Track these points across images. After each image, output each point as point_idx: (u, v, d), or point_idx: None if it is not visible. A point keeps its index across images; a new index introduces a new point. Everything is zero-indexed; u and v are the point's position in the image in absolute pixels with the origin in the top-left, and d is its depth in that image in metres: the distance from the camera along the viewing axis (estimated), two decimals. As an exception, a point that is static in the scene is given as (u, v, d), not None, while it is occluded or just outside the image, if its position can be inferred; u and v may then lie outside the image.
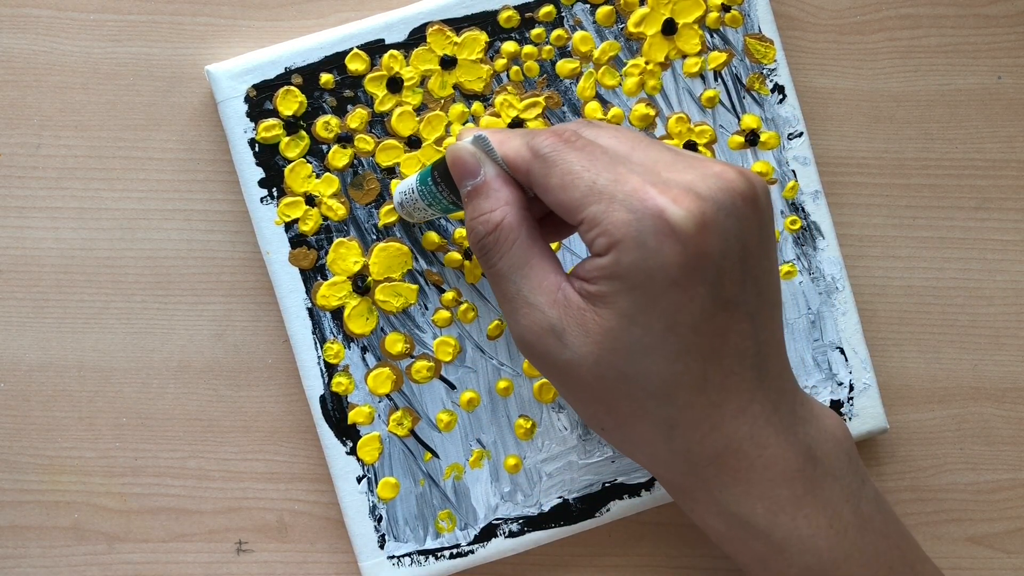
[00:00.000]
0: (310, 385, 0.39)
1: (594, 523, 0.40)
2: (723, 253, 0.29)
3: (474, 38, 0.39)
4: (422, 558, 0.39)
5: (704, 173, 0.30)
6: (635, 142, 0.32)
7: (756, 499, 0.31)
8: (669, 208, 0.29)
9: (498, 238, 0.32)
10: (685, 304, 0.29)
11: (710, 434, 0.31)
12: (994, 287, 0.42)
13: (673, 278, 0.29)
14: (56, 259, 0.40)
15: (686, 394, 0.30)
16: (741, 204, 0.30)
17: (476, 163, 0.33)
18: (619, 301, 0.30)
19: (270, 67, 0.39)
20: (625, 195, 0.29)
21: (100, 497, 0.40)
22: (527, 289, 0.32)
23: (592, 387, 0.31)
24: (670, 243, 0.29)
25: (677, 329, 0.30)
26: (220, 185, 0.40)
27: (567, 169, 0.30)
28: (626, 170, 0.30)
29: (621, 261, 0.29)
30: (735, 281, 0.30)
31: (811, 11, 0.42)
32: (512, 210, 0.32)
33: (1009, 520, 0.42)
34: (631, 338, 0.30)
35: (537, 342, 0.32)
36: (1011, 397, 0.42)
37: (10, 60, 0.40)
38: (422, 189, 0.35)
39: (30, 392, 0.40)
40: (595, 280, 0.30)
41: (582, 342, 0.31)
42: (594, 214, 0.30)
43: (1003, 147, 0.42)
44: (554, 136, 0.31)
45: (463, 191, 0.33)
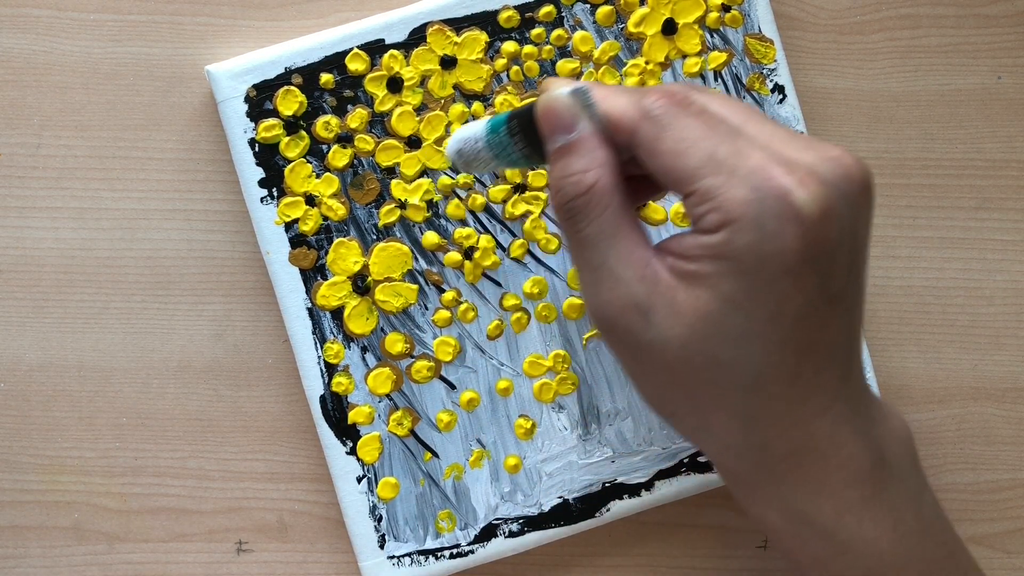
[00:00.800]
0: (310, 385, 0.39)
1: (594, 523, 0.40)
2: (839, 243, 0.28)
3: (474, 38, 0.39)
4: (422, 558, 0.39)
5: (824, 156, 0.28)
6: (748, 114, 0.29)
7: (825, 498, 0.30)
8: (796, 191, 0.27)
9: (589, 201, 0.30)
10: (794, 294, 0.28)
11: (790, 430, 0.29)
12: (994, 287, 0.42)
13: (788, 266, 0.27)
14: (56, 259, 0.40)
15: (775, 387, 0.29)
16: (858, 193, 0.28)
17: (572, 116, 0.30)
18: (722, 283, 0.28)
19: (270, 67, 0.39)
20: (748, 171, 0.27)
21: (100, 497, 0.40)
22: (614, 260, 0.29)
23: (673, 370, 0.29)
24: (792, 228, 0.27)
25: (780, 319, 0.28)
26: (220, 185, 0.40)
27: (682, 135, 0.28)
28: (747, 144, 0.28)
29: (733, 241, 0.27)
30: (843, 274, 0.28)
31: (811, 11, 0.42)
32: (608, 172, 0.30)
33: (1009, 520, 0.42)
34: (729, 323, 0.28)
35: (619, 318, 0.29)
36: (1011, 397, 0.42)
37: (10, 60, 0.40)
38: (492, 138, 0.32)
39: (30, 392, 0.40)
40: (696, 258, 0.28)
41: (671, 323, 0.29)
42: (709, 187, 0.28)
43: (1003, 147, 0.42)
44: (666, 97, 0.29)
45: (552, 146, 0.30)
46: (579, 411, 0.40)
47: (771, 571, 0.41)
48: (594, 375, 0.40)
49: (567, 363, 0.40)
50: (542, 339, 0.40)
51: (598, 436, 0.40)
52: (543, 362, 0.40)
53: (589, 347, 0.40)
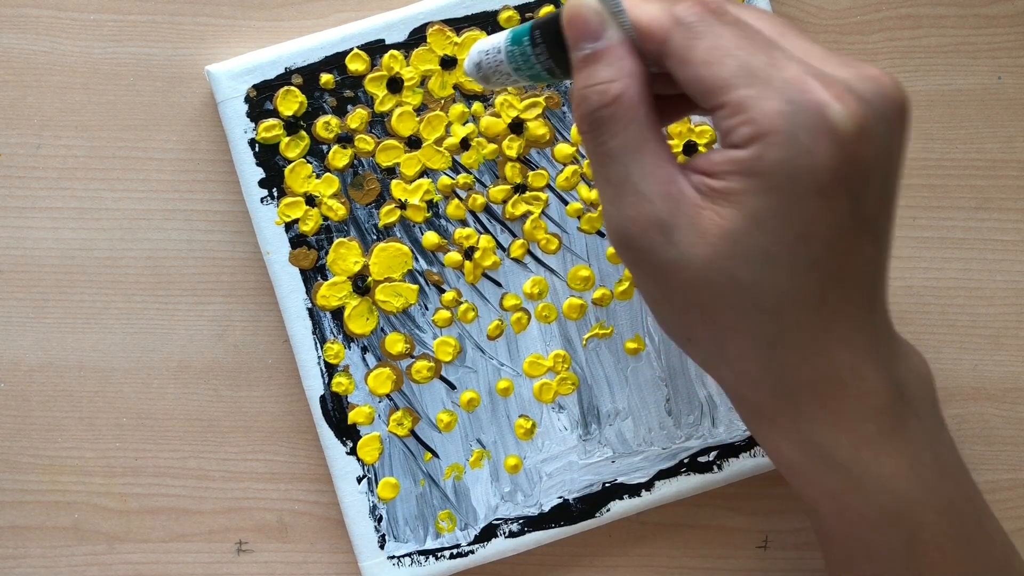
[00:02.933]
0: (310, 385, 0.39)
1: (594, 523, 0.40)
2: (873, 164, 0.27)
3: (474, 38, 0.39)
4: (422, 558, 0.39)
5: (862, 74, 0.27)
6: (785, 28, 0.28)
7: (843, 431, 0.29)
8: (832, 106, 0.26)
9: (615, 113, 0.28)
10: (824, 214, 0.27)
11: (812, 358, 0.28)
12: (994, 287, 0.42)
13: (820, 184, 0.26)
14: (56, 259, 0.40)
15: (799, 312, 0.28)
16: (894, 114, 0.27)
17: (600, 23, 0.28)
18: (749, 201, 0.27)
19: (270, 67, 0.39)
20: (783, 83, 0.26)
21: (100, 497, 0.40)
22: (638, 175, 0.28)
23: (693, 292, 0.28)
24: (826, 144, 0.26)
25: (809, 241, 0.27)
26: (220, 185, 0.40)
27: (716, 43, 0.27)
28: (783, 56, 0.27)
29: (765, 156, 0.26)
30: (875, 198, 0.27)
31: (811, 11, 0.42)
32: (635, 83, 0.28)
33: (1009, 520, 0.42)
34: (754, 243, 0.27)
35: (640, 236, 0.28)
36: (1011, 397, 0.42)
37: (10, 60, 0.40)
38: (513, 50, 0.31)
39: (30, 392, 0.40)
40: (723, 175, 0.27)
41: (693, 241, 0.27)
42: (742, 98, 0.26)
43: (1003, 147, 0.42)
44: (700, 5, 0.28)
45: (578, 54, 0.29)
46: (579, 411, 0.40)
47: (771, 571, 0.42)
48: (594, 375, 0.40)
49: (567, 363, 0.40)
50: (542, 339, 0.40)
51: (598, 436, 0.40)
52: (543, 362, 0.40)
53: (589, 347, 0.40)
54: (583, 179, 0.40)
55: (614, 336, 0.40)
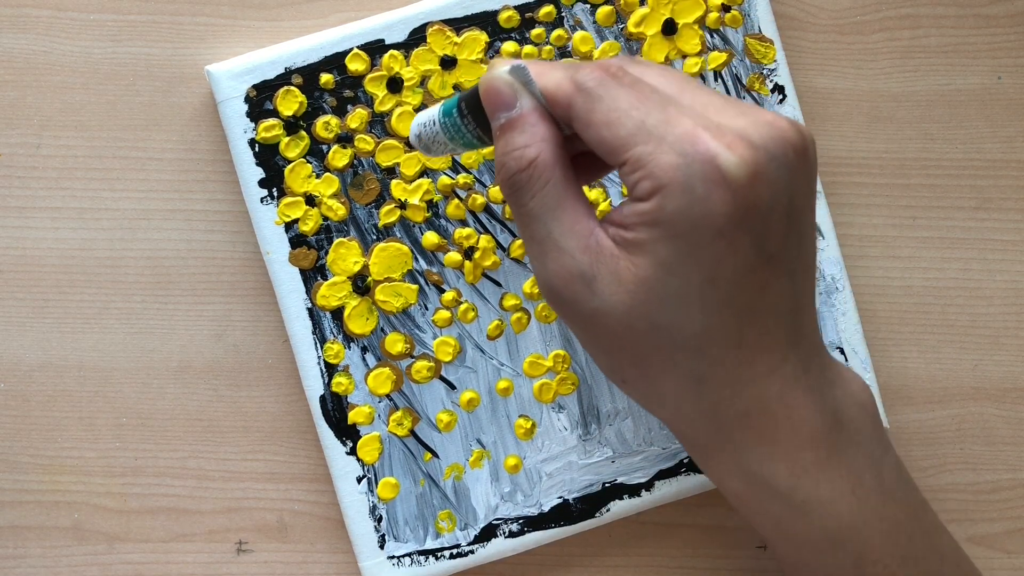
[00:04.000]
0: (310, 385, 0.39)
1: (594, 523, 0.40)
2: (771, 205, 0.28)
3: (474, 38, 0.39)
4: (422, 558, 0.39)
5: (756, 120, 0.29)
6: (684, 83, 0.30)
7: (780, 460, 0.30)
8: (722, 154, 0.27)
9: (531, 176, 0.30)
10: (728, 256, 0.28)
11: (739, 392, 0.30)
12: (994, 287, 0.42)
13: (719, 228, 0.28)
14: (56, 259, 0.40)
15: (719, 349, 0.29)
16: (792, 155, 0.29)
17: (512, 94, 0.30)
18: (658, 249, 0.28)
19: (270, 67, 0.39)
20: (676, 137, 0.28)
21: (100, 497, 0.40)
22: (558, 232, 0.30)
23: (619, 337, 0.30)
24: (720, 191, 0.27)
25: (717, 282, 0.28)
26: (220, 185, 0.40)
27: (613, 106, 0.29)
28: (677, 111, 0.28)
29: (665, 207, 0.28)
30: (780, 235, 0.29)
31: (811, 11, 0.42)
32: (548, 147, 0.30)
33: (1009, 520, 0.42)
34: (667, 288, 0.29)
35: (564, 288, 0.30)
36: (1011, 397, 0.42)
37: (10, 60, 0.40)
38: (445, 121, 0.33)
39: (30, 392, 0.40)
40: (633, 226, 0.29)
41: (613, 290, 0.29)
42: (640, 155, 0.28)
43: (1003, 147, 0.42)
44: (600, 70, 0.30)
45: (495, 124, 0.31)
46: (579, 411, 0.40)
47: (771, 571, 0.41)
48: (594, 375, 0.40)
49: (567, 363, 0.40)
50: (542, 339, 0.40)
51: (598, 436, 0.40)
52: (543, 362, 0.40)
53: (589, 347, 0.40)
54: None
55: (614, 336, 0.40)
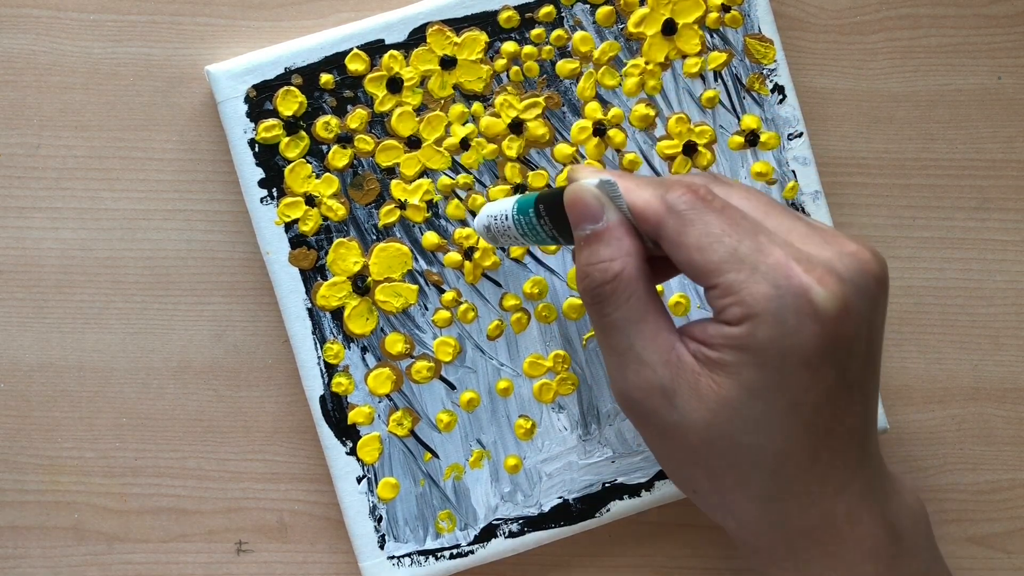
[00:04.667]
0: (310, 385, 0.39)
1: (594, 523, 0.40)
2: (856, 337, 0.29)
3: (474, 38, 0.39)
4: (422, 558, 0.39)
5: (841, 252, 0.29)
6: (768, 208, 0.31)
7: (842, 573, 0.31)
8: (814, 288, 0.28)
9: (616, 288, 0.31)
10: (812, 385, 0.29)
11: (809, 509, 0.31)
12: (994, 287, 0.42)
13: (807, 359, 0.29)
14: (56, 259, 0.40)
15: (794, 470, 0.30)
16: (874, 287, 0.30)
17: (599, 207, 0.31)
18: (744, 373, 0.29)
19: (270, 67, 0.39)
20: (768, 268, 0.29)
21: (100, 497, 0.40)
22: (640, 345, 0.31)
23: (697, 452, 0.31)
24: (810, 324, 0.28)
25: (800, 408, 0.29)
26: (220, 185, 0.40)
27: (706, 231, 0.29)
28: (768, 240, 0.29)
29: (755, 334, 0.29)
30: (860, 363, 0.30)
31: (811, 11, 0.42)
32: (633, 261, 0.31)
33: (1009, 520, 0.42)
34: (751, 411, 0.29)
35: (645, 400, 0.31)
36: (1011, 397, 0.42)
37: (10, 60, 0.40)
38: (520, 219, 0.34)
39: (30, 392, 0.40)
40: (719, 347, 0.29)
41: (694, 407, 0.30)
42: (732, 282, 0.29)
43: (1003, 147, 0.42)
44: (690, 192, 0.30)
45: (580, 234, 0.32)
46: (579, 411, 0.40)
47: (771, 571, 0.42)
48: (594, 375, 0.40)
49: (567, 363, 0.40)
50: (542, 339, 0.40)
51: (598, 436, 0.40)
52: (543, 362, 0.40)
53: (589, 347, 0.40)
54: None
55: (614, 336, 0.40)
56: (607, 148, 0.40)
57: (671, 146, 0.40)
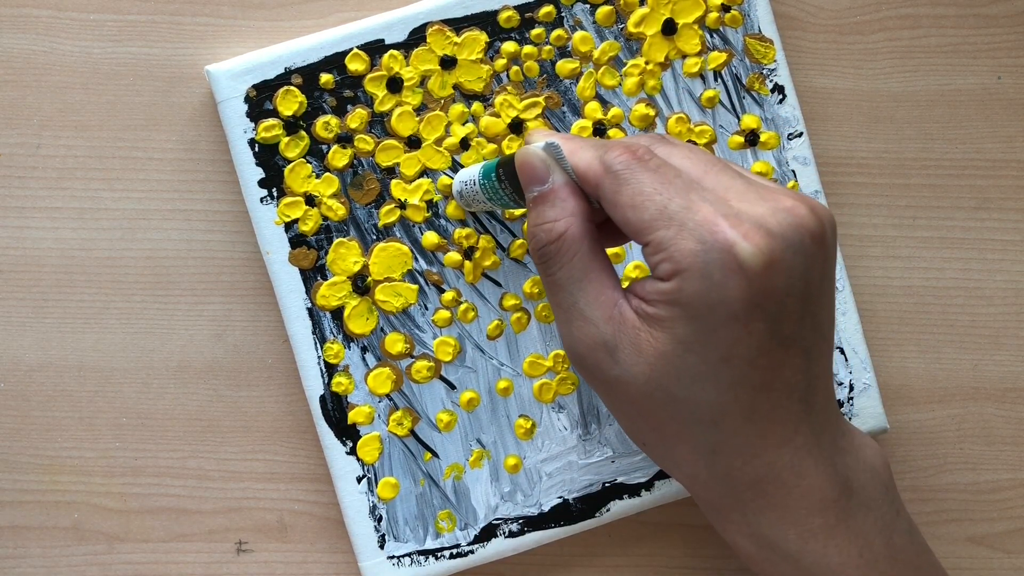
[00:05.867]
0: (310, 385, 0.39)
1: (594, 523, 0.40)
2: (786, 291, 0.29)
3: (474, 38, 0.39)
4: (422, 558, 0.39)
5: (775, 207, 0.30)
6: (708, 165, 0.31)
7: (789, 525, 0.31)
8: (739, 243, 0.29)
9: (560, 248, 0.32)
10: (743, 338, 0.29)
11: (751, 461, 0.31)
12: (994, 287, 0.42)
13: (734, 312, 0.29)
14: (56, 259, 0.40)
15: (732, 422, 0.31)
16: (809, 242, 0.30)
17: (545, 169, 0.32)
18: (676, 327, 0.30)
19: (270, 67, 0.39)
20: (695, 224, 0.29)
21: (100, 497, 0.40)
22: (583, 302, 0.32)
23: (639, 404, 0.31)
24: (735, 279, 0.29)
25: (732, 361, 0.30)
26: (220, 185, 0.40)
27: (638, 189, 0.30)
28: (698, 197, 0.30)
29: (684, 289, 0.29)
30: (794, 318, 0.30)
31: (811, 11, 0.42)
32: (577, 221, 0.32)
33: (1009, 520, 0.42)
34: (684, 364, 0.30)
35: (588, 355, 0.32)
36: (1011, 397, 0.42)
37: (10, 60, 0.40)
38: (484, 183, 0.36)
39: (30, 392, 0.40)
40: (654, 303, 0.30)
41: (634, 361, 0.31)
42: (661, 239, 0.30)
43: (1003, 147, 0.42)
44: (628, 152, 0.31)
45: (528, 196, 0.33)
46: (579, 411, 0.40)
47: (771, 571, 0.42)
48: (594, 375, 0.40)
49: (567, 363, 0.40)
50: (542, 339, 0.40)
51: (598, 436, 0.40)
52: (543, 362, 0.40)
53: (589, 347, 0.40)
54: None
55: (614, 336, 0.40)
56: (607, 148, 0.40)
57: (671, 146, 0.40)
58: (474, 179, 0.36)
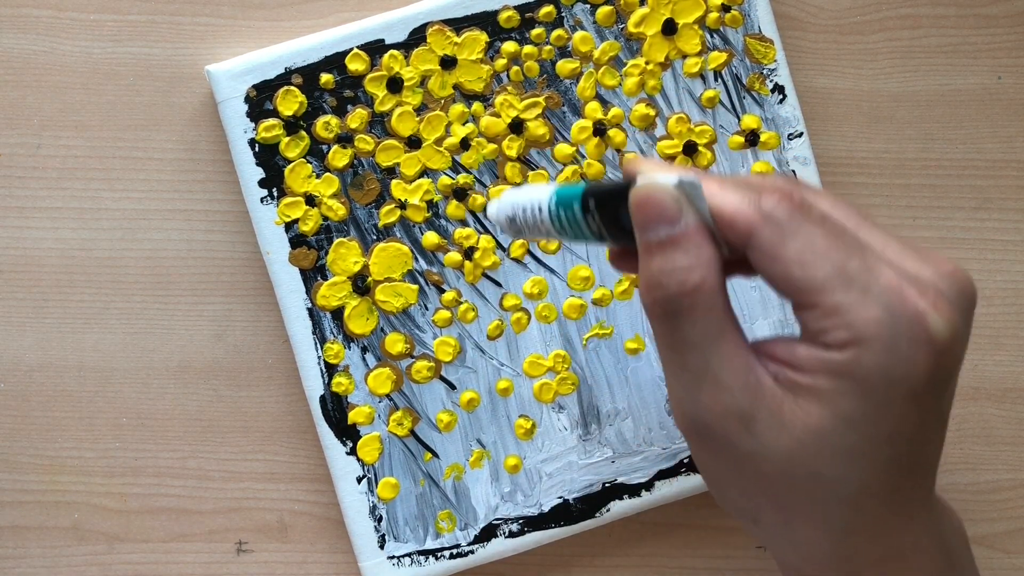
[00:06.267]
0: (310, 385, 0.39)
1: (594, 523, 0.40)
2: (958, 365, 0.28)
3: (474, 38, 0.39)
4: (422, 558, 0.39)
5: (940, 271, 0.28)
6: (860, 219, 0.29)
7: None
8: (930, 315, 0.26)
9: (695, 302, 0.28)
10: (913, 416, 0.27)
11: (880, 540, 0.29)
12: (994, 287, 0.42)
13: (914, 389, 0.27)
14: (56, 259, 0.40)
15: (875, 503, 0.28)
16: (972, 309, 0.28)
17: (677, 208, 0.28)
18: (841, 402, 0.27)
19: (270, 67, 0.39)
20: (881, 290, 0.27)
21: (100, 497, 0.40)
22: (717, 366, 0.28)
23: (770, 482, 0.28)
24: (924, 352, 0.26)
25: (895, 440, 0.27)
26: (220, 185, 0.40)
27: (808, 244, 0.27)
28: (875, 259, 0.27)
29: (862, 361, 0.26)
30: (952, 393, 0.28)
31: (811, 11, 0.42)
32: (712, 272, 0.28)
33: (1009, 520, 0.42)
34: (842, 442, 0.27)
35: (717, 425, 0.28)
36: (1011, 397, 0.42)
37: (10, 60, 0.40)
38: (560, 212, 0.30)
39: (30, 392, 0.40)
40: (812, 373, 0.27)
41: (775, 435, 0.27)
42: (838, 303, 0.26)
43: (1003, 147, 0.42)
44: (787, 199, 0.27)
45: (650, 238, 0.28)
46: (579, 411, 0.40)
47: (771, 571, 0.41)
48: (594, 375, 0.40)
49: (567, 363, 0.40)
50: (542, 339, 0.40)
51: (598, 436, 0.40)
52: (543, 362, 0.40)
53: (589, 347, 0.40)
54: (582, 179, 0.40)
55: (614, 336, 0.40)
56: (607, 148, 0.40)
57: (671, 146, 0.40)
58: (541, 206, 0.30)
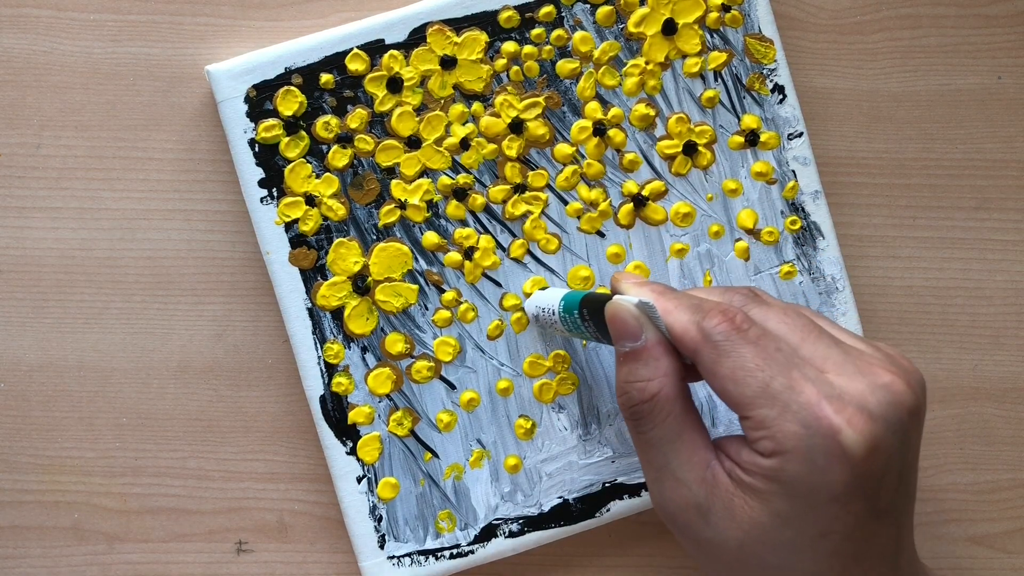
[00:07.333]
0: (310, 385, 0.39)
1: (594, 523, 0.40)
2: (885, 471, 0.30)
3: (474, 38, 0.39)
4: (422, 558, 0.39)
5: (874, 384, 0.30)
6: (805, 332, 0.31)
7: None
8: (844, 431, 0.29)
9: (653, 408, 0.32)
10: (841, 516, 0.30)
11: None
12: (994, 287, 0.42)
13: (835, 495, 0.29)
14: (56, 259, 0.40)
15: None
16: (907, 419, 0.30)
17: (638, 326, 0.32)
18: (774, 501, 0.30)
19: (270, 67, 0.39)
20: (799, 406, 0.29)
21: (100, 497, 0.40)
22: (675, 463, 0.32)
23: (731, 567, 0.31)
24: (839, 465, 0.29)
25: (829, 536, 0.30)
26: (220, 185, 0.40)
27: (740, 364, 0.30)
28: (800, 375, 0.30)
29: (785, 469, 0.29)
30: (891, 492, 0.30)
31: (811, 11, 0.42)
32: (670, 381, 0.32)
33: (1009, 520, 0.42)
34: (781, 537, 0.30)
35: (679, 515, 0.32)
36: (1011, 397, 0.42)
37: (10, 60, 0.40)
38: (565, 317, 0.35)
39: (30, 392, 0.40)
40: (752, 473, 0.30)
41: (727, 525, 0.31)
42: (763, 417, 0.30)
43: (1003, 147, 0.42)
44: (727, 321, 0.31)
45: (619, 349, 0.32)
46: (579, 411, 0.40)
47: (771, 571, 0.42)
48: (594, 375, 0.40)
49: (567, 363, 0.40)
50: (542, 339, 0.40)
51: (598, 436, 0.40)
52: (543, 362, 0.40)
53: (589, 347, 0.40)
54: (583, 179, 0.40)
55: (614, 336, 0.40)
56: (607, 148, 0.40)
57: (671, 146, 0.40)
58: (553, 309, 0.36)
